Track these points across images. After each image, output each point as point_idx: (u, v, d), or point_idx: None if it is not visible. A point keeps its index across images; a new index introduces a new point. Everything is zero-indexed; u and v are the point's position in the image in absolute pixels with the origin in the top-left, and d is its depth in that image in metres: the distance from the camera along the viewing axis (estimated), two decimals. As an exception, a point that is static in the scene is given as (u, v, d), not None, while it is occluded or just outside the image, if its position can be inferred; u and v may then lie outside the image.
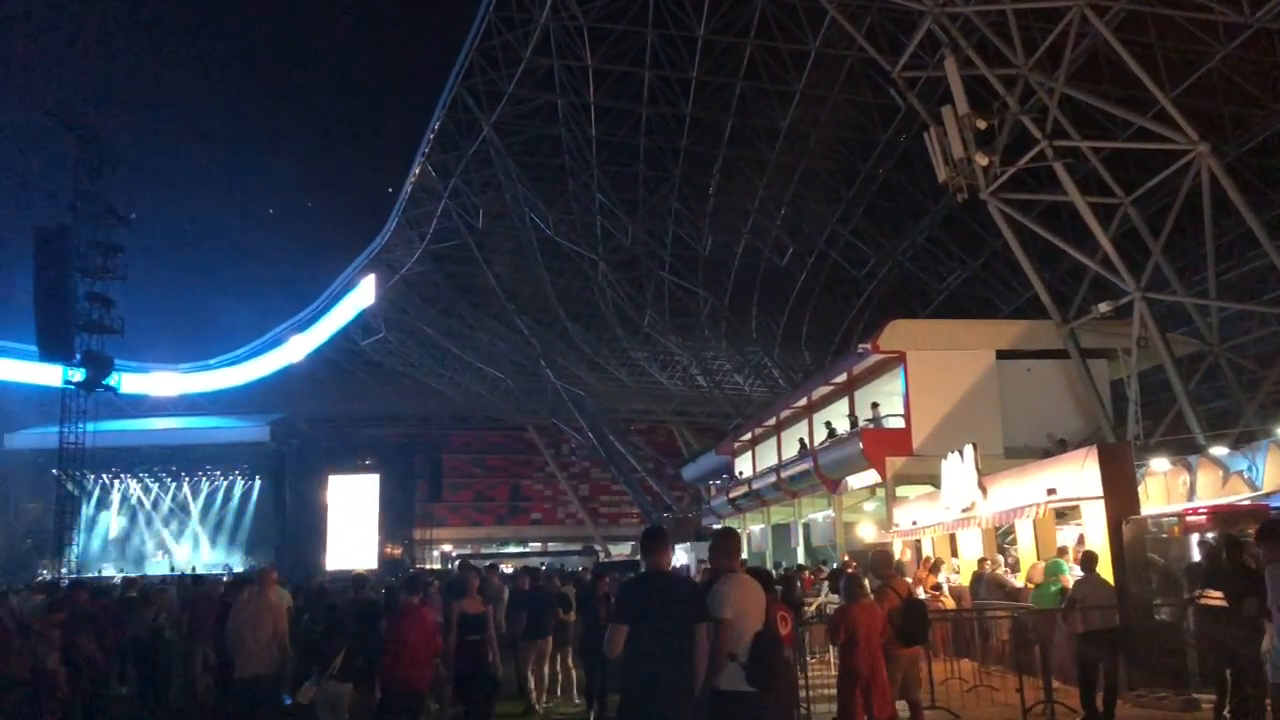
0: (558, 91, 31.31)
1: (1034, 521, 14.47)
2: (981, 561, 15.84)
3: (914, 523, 18.81)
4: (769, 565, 26.26)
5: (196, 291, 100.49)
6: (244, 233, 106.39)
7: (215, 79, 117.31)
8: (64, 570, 35.17)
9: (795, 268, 37.58)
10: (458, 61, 31.16)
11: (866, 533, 24.51)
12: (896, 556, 19.07)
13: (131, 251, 37.97)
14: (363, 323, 50.36)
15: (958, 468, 16.76)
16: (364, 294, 47.76)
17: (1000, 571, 15.54)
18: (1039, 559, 14.01)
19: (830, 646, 10.64)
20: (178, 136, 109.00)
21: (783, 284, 39.23)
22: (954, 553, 18.30)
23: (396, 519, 49.96)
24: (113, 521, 51.64)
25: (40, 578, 32.80)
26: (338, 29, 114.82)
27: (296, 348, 54.52)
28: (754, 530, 33.73)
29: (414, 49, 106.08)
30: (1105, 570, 11.54)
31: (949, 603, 15.52)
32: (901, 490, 21.00)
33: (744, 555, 32.99)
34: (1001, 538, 17.52)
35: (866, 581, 9.43)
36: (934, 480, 18.57)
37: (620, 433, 55.09)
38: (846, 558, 21.27)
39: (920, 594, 15.42)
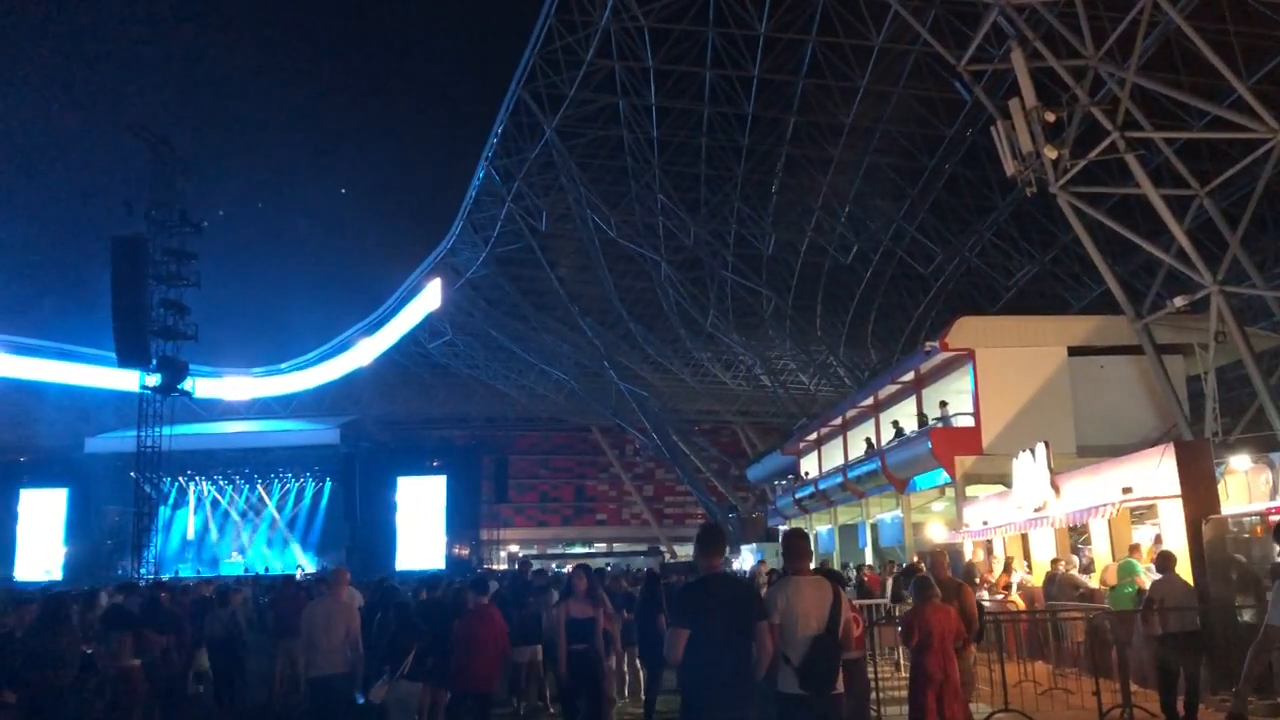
0: (619, 93, 31.39)
1: (1109, 521, 14.16)
2: (1054, 562, 15.56)
3: (984, 523, 18.51)
4: (836, 567, 26.03)
5: (268, 297, 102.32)
6: (313, 238, 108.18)
7: (282, 88, 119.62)
8: (143, 571, 36.01)
9: (860, 265, 37.23)
10: (520, 65, 31.43)
11: (936, 533, 24.19)
12: (968, 557, 18.84)
13: (204, 258, 38.74)
14: (429, 326, 51.01)
15: (1029, 466, 16.48)
16: (430, 298, 48.37)
17: (1074, 572, 15.25)
18: (1114, 559, 13.73)
19: (901, 648, 10.54)
20: (247, 143, 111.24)
21: (848, 282, 38.90)
22: (1026, 553, 18.00)
23: (463, 520, 50.38)
24: (191, 522, 52.85)
25: (128, 579, 33.62)
26: (402, 36, 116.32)
27: (365, 351, 55.39)
28: (821, 531, 33.46)
29: (477, 54, 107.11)
30: (1184, 571, 11.26)
31: (1019, 604, 15.27)
32: (971, 490, 20.70)
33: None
34: (1075, 538, 17.19)
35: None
36: (1004, 479, 18.29)
37: (684, 433, 55.04)
38: (915, 558, 21.02)
39: (985, 595, 15.24)
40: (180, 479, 50.46)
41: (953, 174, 31.22)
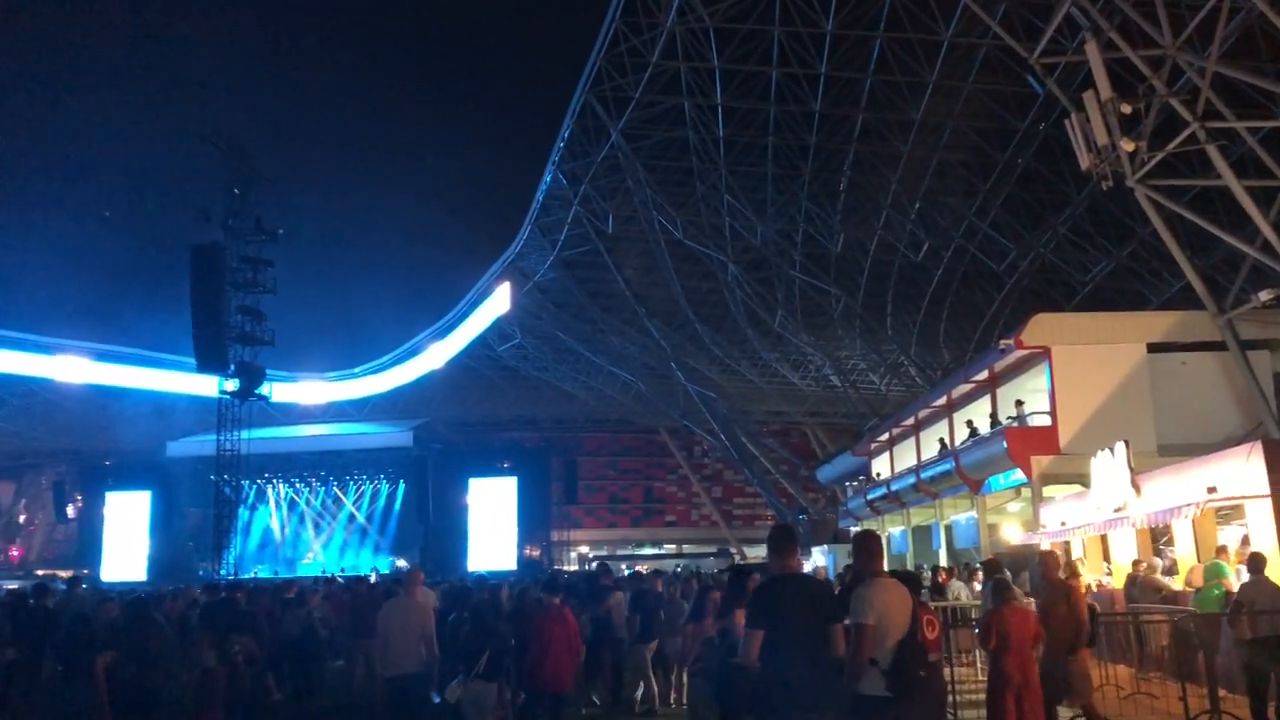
0: (684, 94, 31.36)
1: (1193, 521, 13.79)
2: (1136, 563, 15.22)
3: (1062, 524, 18.16)
4: (910, 568, 25.74)
5: (342, 302, 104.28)
6: (385, 244, 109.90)
7: (354, 98, 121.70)
8: (222, 572, 36.83)
9: (931, 263, 36.71)
10: (586, 69, 31.56)
11: (1012, 534, 23.81)
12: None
13: (279, 265, 39.58)
14: (498, 329, 51.47)
15: (1108, 466, 16.13)
16: (499, 301, 48.83)
17: (1156, 574, 14.89)
18: (1199, 560, 13.37)
19: (978, 650, 10.38)
20: (321, 152, 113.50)
21: (919, 280, 38.41)
22: (1105, 555, 17.63)
23: (534, 521, 50.73)
24: (272, 524, 53.97)
25: (210, 579, 34.41)
26: (470, 45, 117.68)
27: (436, 355, 56.11)
28: (893, 532, 33.13)
29: (544, 60, 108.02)
30: (1274, 573, 10.92)
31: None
32: (1048, 490, 20.33)
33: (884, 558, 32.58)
34: (1157, 539, 16.78)
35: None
36: (1083, 479, 17.93)
37: (753, 434, 54.76)
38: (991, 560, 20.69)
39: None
40: (258, 481, 51.50)
41: (1025, 169, 30.63)
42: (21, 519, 79.44)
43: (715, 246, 39.44)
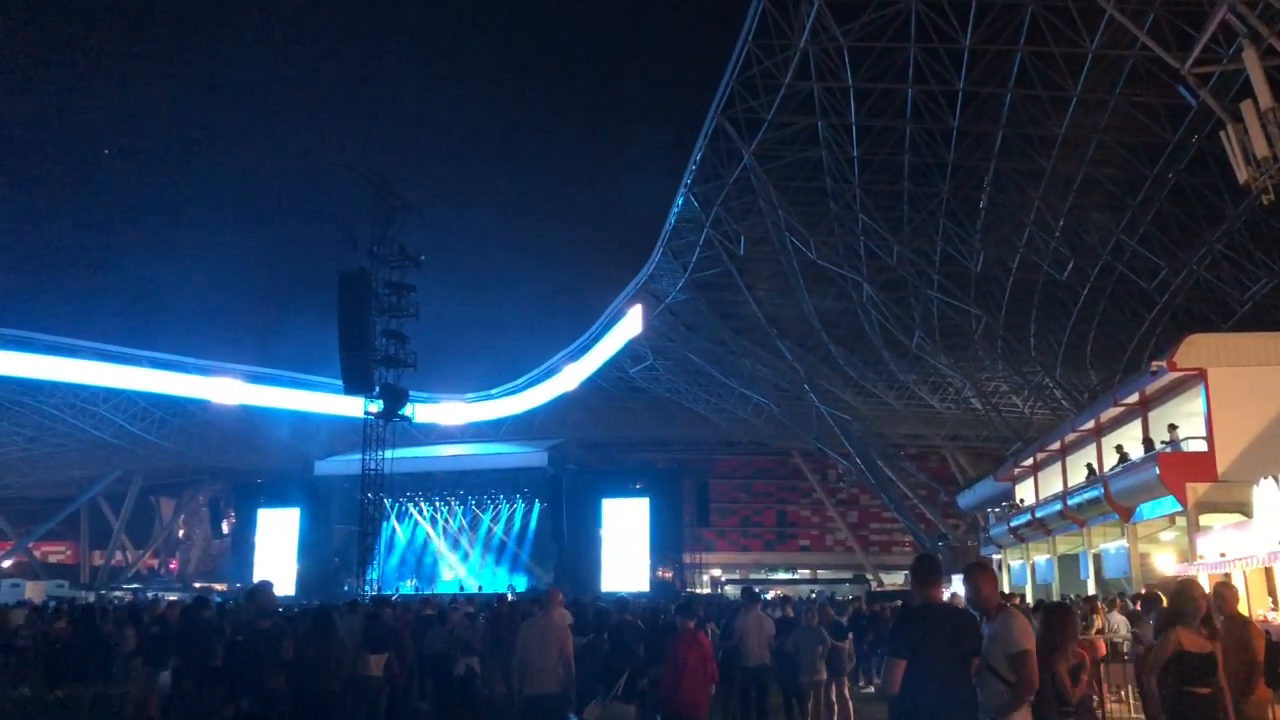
0: (818, 114, 31.12)
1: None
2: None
3: (1222, 554, 17.25)
4: (1056, 599, 24.83)
5: (479, 325, 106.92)
6: (520, 268, 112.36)
7: (490, 125, 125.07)
8: (366, 589, 37.92)
9: (1076, 282, 35.43)
10: (718, 92, 31.67)
11: (1165, 564, 22.75)
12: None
13: (421, 289, 40.77)
14: (631, 351, 51.88)
15: (1274, 494, 15.28)
16: (631, 323, 49.24)
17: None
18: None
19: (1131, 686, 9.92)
20: (459, 179, 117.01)
21: (1063, 299, 37.14)
22: (1270, 588, 16.68)
23: (666, 542, 50.83)
24: (419, 541, 55.49)
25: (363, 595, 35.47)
26: (601, 69, 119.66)
27: (570, 376, 56.90)
28: (1039, 561, 32.05)
29: (676, 84, 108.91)
30: None
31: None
32: (1205, 519, 19.37)
33: (1027, 588, 31.43)
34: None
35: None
36: (1244, 508, 17.07)
37: (889, 458, 53.77)
38: (1144, 590, 19.81)
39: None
40: (400, 500, 52.99)
41: (1177, 183, 29.34)
42: (180, 534, 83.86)
43: (849, 266, 38.93)
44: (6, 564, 71.79)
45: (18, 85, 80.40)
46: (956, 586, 35.82)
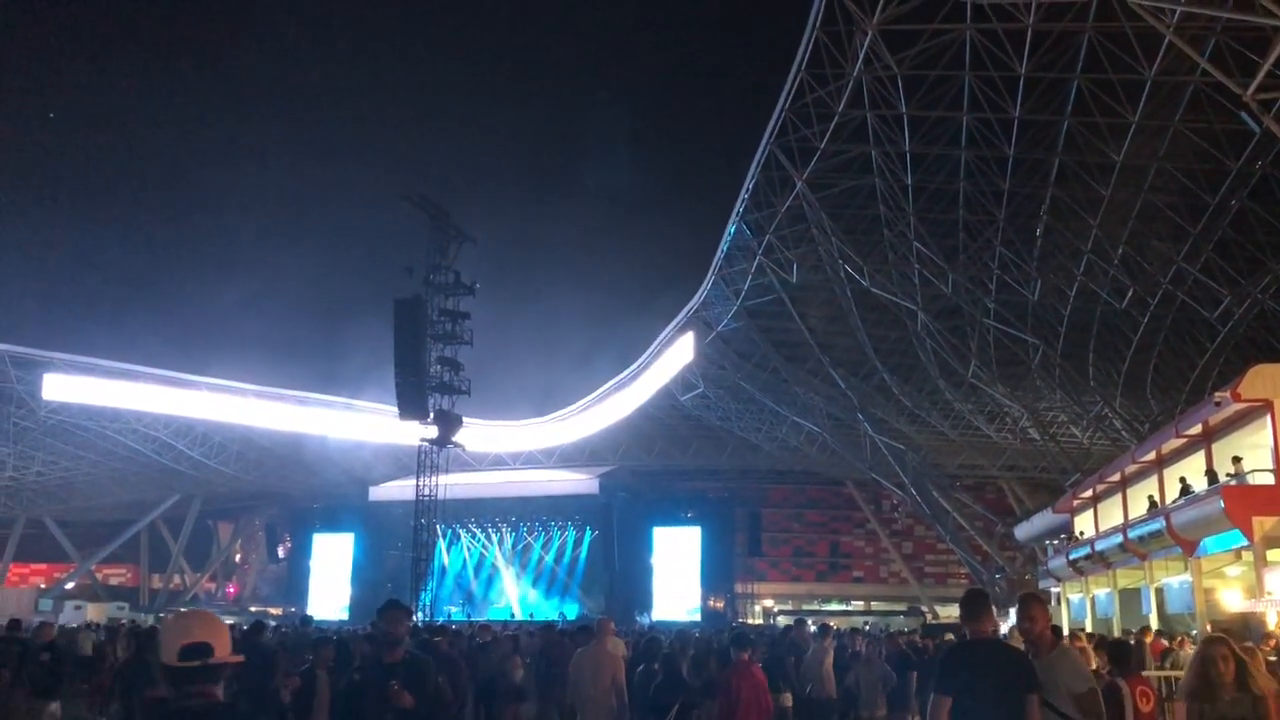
0: (871, 142, 31.00)
1: None
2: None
3: (1290, 591, 16.80)
4: (1117, 634, 24.26)
5: (532, 351, 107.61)
6: (574, 297, 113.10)
7: (543, 153, 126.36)
8: (418, 615, 38.11)
9: (1136, 310, 34.81)
10: (771, 121, 31.69)
11: (1232, 600, 22.14)
12: (1270, 626, 17.23)
13: (475, 316, 41.19)
14: (682, 378, 51.84)
15: (1345, 530, 14.83)
16: (683, 351, 49.23)
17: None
18: None
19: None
20: (514, 206, 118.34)
21: (1123, 328, 36.48)
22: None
23: (717, 572, 50.58)
24: (470, 567, 55.73)
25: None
26: (653, 97, 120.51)
27: (622, 404, 56.97)
28: (1099, 595, 31.38)
29: (728, 114, 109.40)
30: None
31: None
32: (1273, 554, 18.86)
33: (1087, 622, 30.77)
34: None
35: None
36: (1314, 544, 16.57)
37: (945, 489, 53.06)
38: (1208, 628, 19.29)
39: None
40: (453, 526, 53.28)
41: (1240, 209, 28.76)
42: (237, 558, 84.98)
43: (904, 294, 38.61)
44: (69, 585, 73.17)
45: (83, 116, 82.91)
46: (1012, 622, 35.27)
